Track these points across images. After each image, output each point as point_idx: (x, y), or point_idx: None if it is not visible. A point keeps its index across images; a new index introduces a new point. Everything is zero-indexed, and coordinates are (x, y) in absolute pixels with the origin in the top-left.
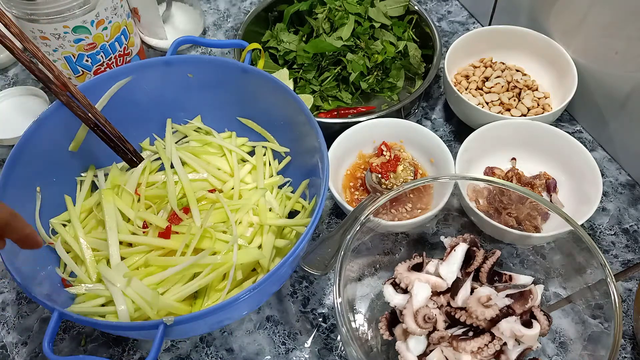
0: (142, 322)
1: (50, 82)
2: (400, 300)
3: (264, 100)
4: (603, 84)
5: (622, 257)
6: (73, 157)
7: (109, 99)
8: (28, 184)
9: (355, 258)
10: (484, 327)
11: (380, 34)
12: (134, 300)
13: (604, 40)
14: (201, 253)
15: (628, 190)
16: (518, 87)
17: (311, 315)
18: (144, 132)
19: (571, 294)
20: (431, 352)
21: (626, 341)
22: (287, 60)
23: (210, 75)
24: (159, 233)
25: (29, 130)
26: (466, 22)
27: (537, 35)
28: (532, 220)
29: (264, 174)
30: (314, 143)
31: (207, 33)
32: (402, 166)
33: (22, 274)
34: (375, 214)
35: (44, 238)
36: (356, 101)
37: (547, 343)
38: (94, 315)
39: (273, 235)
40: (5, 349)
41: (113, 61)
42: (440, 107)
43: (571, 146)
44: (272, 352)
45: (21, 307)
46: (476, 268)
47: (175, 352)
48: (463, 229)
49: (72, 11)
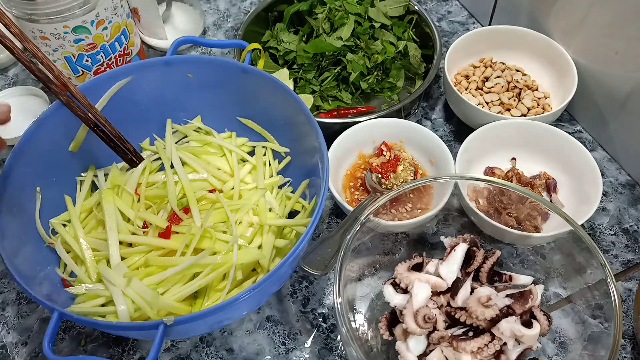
0: (142, 322)
1: (50, 82)
2: (400, 300)
3: (264, 100)
4: (603, 84)
5: (622, 257)
6: (73, 157)
7: (109, 99)
8: (28, 184)
9: (355, 258)
10: (484, 327)
11: (380, 34)
12: (134, 300)
13: (604, 40)
14: (201, 253)
15: (628, 190)
16: (518, 87)
17: (311, 315)
18: (144, 132)
19: (571, 294)
20: (431, 352)
21: (626, 341)
22: (287, 60)
23: (210, 75)
24: (159, 233)
25: (29, 130)
26: (466, 22)
27: (537, 35)
28: (532, 220)
29: (264, 174)
30: (314, 143)
31: (207, 33)
32: (402, 166)
33: (22, 274)
34: (375, 214)
35: (44, 238)
36: (356, 101)
37: (547, 343)
38: (94, 315)
39: (273, 235)
40: (5, 349)
41: (113, 61)
42: (440, 107)
43: (571, 146)
44: (272, 352)
45: (21, 307)
46: (476, 268)
47: (175, 352)
48: (463, 229)
49: (72, 11)
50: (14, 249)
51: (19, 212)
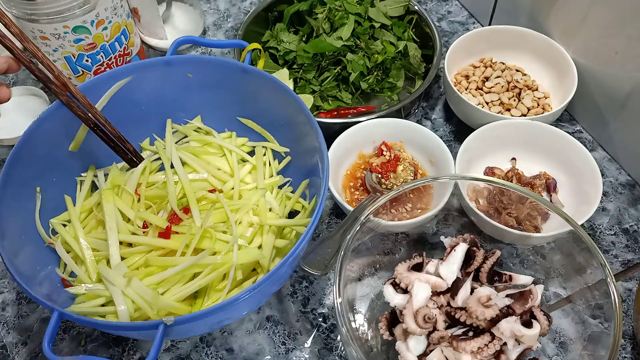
0: (142, 322)
1: (50, 82)
2: (400, 300)
3: (264, 100)
4: (603, 84)
5: (622, 257)
6: (73, 157)
7: (109, 99)
8: (28, 184)
9: (355, 258)
10: (484, 327)
11: (380, 34)
12: (134, 300)
13: (604, 40)
14: (201, 253)
15: (628, 190)
16: (518, 87)
17: (311, 315)
18: (144, 132)
19: (571, 294)
20: (431, 352)
21: (626, 341)
22: (287, 60)
23: (210, 75)
24: (159, 233)
25: (29, 130)
26: (466, 22)
27: (537, 35)
28: (532, 220)
29: (264, 174)
30: (314, 143)
31: (207, 33)
32: (402, 166)
33: (22, 274)
34: (375, 214)
35: (44, 238)
36: (356, 101)
37: (547, 343)
38: (94, 315)
39: (273, 235)
40: (5, 349)
41: (113, 61)
42: (440, 107)
43: (571, 146)
44: (272, 352)
45: (21, 307)
46: (476, 268)
47: (175, 352)
48: (463, 229)
49: (72, 11)
50: (14, 249)
51: (19, 212)
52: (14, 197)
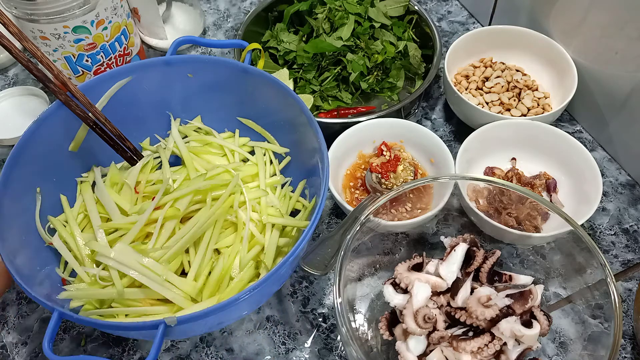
0: (142, 322)
1: (49, 81)
2: (400, 300)
3: (264, 101)
4: (603, 84)
5: (622, 257)
6: (73, 157)
7: (109, 99)
8: (28, 184)
9: (355, 258)
10: (484, 327)
11: (380, 34)
12: (137, 269)
13: (604, 40)
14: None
15: (628, 190)
16: (518, 87)
17: (311, 315)
18: (144, 132)
19: (571, 294)
20: (431, 352)
21: (626, 341)
22: (287, 60)
23: (210, 75)
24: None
25: (29, 130)
26: (466, 22)
27: (537, 35)
28: (532, 220)
29: (265, 173)
30: (314, 143)
31: (207, 33)
32: (402, 166)
33: (22, 274)
34: (375, 214)
35: (44, 238)
36: (356, 101)
37: (547, 343)
38: (94, 315)
39: (277, 232)
40: (5, 349)
41: (113, 61)
42: (440, 107)
43: (571, 146)
44: (272, 352)
45: (21, 307)
46: (476, 268)
47: (175, 352)
48: (463, 229)
49: (72, 11)
50: (14, 249)
51: (19, 212)
52: (14, 197)
